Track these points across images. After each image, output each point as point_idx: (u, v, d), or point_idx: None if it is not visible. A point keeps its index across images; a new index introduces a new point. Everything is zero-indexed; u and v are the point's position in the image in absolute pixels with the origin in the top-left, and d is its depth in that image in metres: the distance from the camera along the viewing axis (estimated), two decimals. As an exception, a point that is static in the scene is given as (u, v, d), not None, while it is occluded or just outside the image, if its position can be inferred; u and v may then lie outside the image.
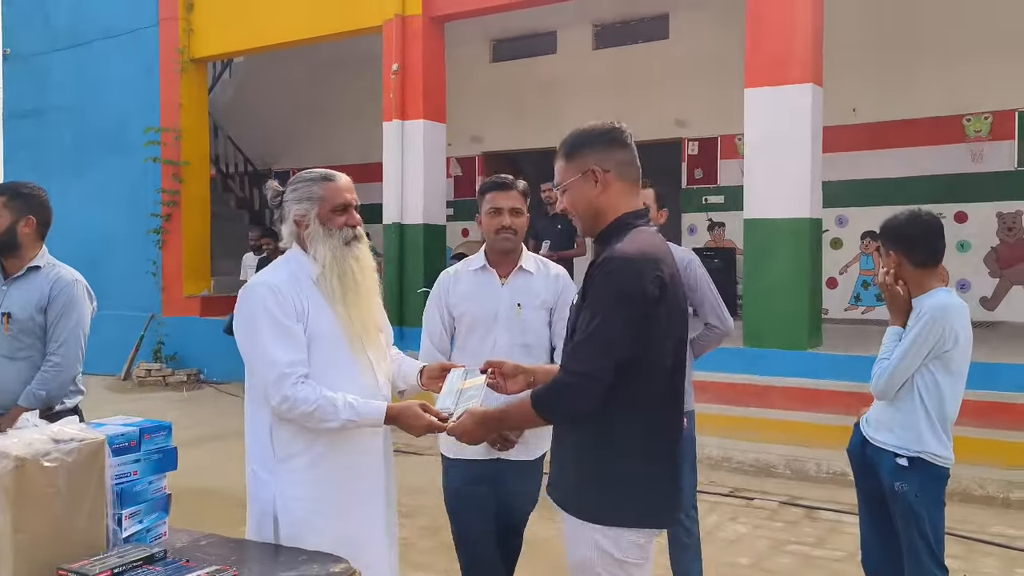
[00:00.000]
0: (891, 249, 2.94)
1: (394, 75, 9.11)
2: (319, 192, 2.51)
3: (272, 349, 2.39)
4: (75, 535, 2.01)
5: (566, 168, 2.26)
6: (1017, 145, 9.41)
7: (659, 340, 2.12)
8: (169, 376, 10.78)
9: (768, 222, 7.13)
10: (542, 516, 5.18)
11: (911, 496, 2.82)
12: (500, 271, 3.10)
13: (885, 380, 2.86)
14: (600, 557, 2.13)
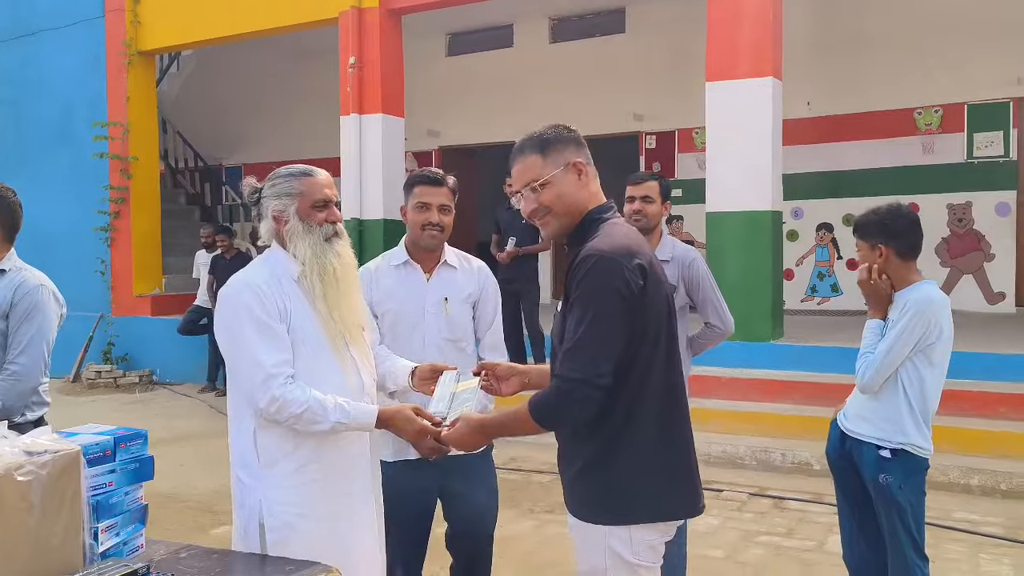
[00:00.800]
0: (878, 243, 2.92)
1: (351, 69, 8.98)
2: (298, 187, 2.43)
3: (257, 350, 2.31)
4: (51, 552, 1.91)
5: (544, 163, 2.17)
6: (966, 138, 9.63)
7: (651, 330, 2.09)
8: (120, 378, 10.50)
9: (730, 215, 7.18)
10: (517, 514, 5.19)
11: (895, 487, 2.83)
12: (424, 266, 3.03)
13: (872, 374, 2.87)
14: (611, 563, 2.09)
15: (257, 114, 13.84)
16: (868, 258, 2.94)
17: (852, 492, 3.04)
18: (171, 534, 4.31)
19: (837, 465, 3.09)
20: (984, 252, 9.67)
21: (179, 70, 14.40)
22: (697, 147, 10.91)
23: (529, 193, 2.20)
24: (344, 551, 2.33)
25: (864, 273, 2.95)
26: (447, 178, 3.01)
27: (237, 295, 2.37)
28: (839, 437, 3.06)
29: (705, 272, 3.61)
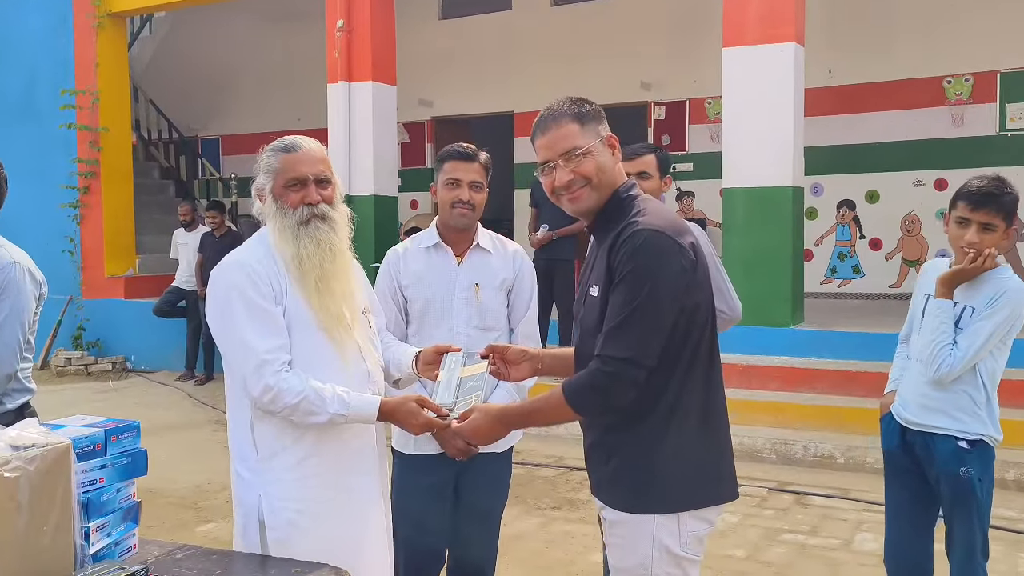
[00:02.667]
0: (1012, 222, 2.80)
1: (339, 32, 8.88)
2: (275, 164, 2.38)
3: (248, 335, 2.29)
4: (40, 554, 1.88)
5: (582, 132, 2.19)
6: (999, 108, 9.60)
7: (701, 313, 2.13)
8: (92, 364, 10.46)
9: (747, 191, 7.15)
10: (523, 511, 5.18)
11: (975, 480, 2.80)
12: (456, 249, 3.02)
13: (960, 368, 2.76)
14: (658, 556, 2.11)
15: (237, 82, 13.73)
16: (999, 242, 2.79)
17: (917, 490, 2.99)
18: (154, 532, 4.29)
19: (899, 462, 3.02)
20: (1017, 230, 9.64)
21: (152, 33, 14.27)
22: (710, 118, 10.86)
23: (564, 163, 2.18)
24: (349, 550, 2.32)
25: (991, 260, 2.77)
26: (479, 153, 2.98)
27: (228, 275, 2.34)
28: (898, 431, 2.99)
29: (709, 251, 3.58)
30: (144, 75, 13.65)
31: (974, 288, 2.83)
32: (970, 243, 2.79)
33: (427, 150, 12.91)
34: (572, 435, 5.85)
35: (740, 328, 7.01)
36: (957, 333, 2.81)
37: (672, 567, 2.13)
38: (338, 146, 9.00)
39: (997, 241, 2.78)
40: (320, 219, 2.37)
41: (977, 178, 2.87)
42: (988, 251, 2.76)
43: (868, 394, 6.15)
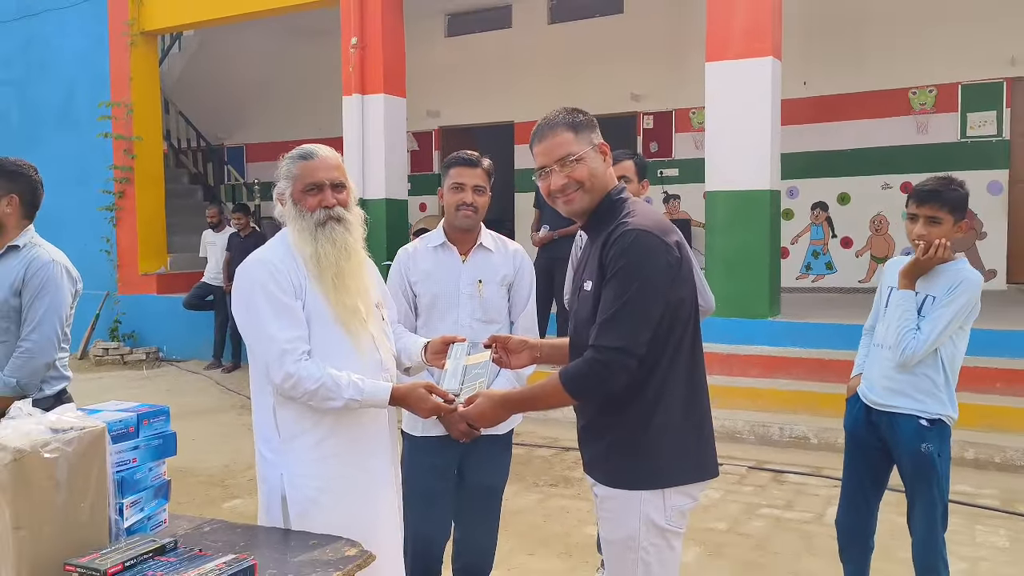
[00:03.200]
0: (962, 219, 2.82)
1: (353, 49, 8.87)
2: (294, 170, 2.40)
3: (271, 326, 2.30)
4: (78, 528, 1.89)
5: (576, 140, 2.20)
6: (960, 117, 9.58)
7: (685, 308, 2.14)
8: (127, 355, 10.46)
9: (729, 194, 7.13)
10: (522, 488, 5.18)
11: (935, 456, 2.83)
12: (460, 248, 3.03)
13: (923, 352, 2.78)
14: (645, 529, 2.12)
15: (259, 94, 13.72)
16: (947, 233, 2.80)
17: (874, 465, 3.03)
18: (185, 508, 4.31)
19: (861, 439, 3.05)
20: (976, 230, 9.64)
21: (181, 50, 14.23)
22: (694, 127, 10.85)
23: (559, 168, 2.19)
24: (364, 525, 2.32)
25: (942, 250, 2.78)
26: (482, 160, 2.98)
27: (252, 272, 2.36)
28: (863, 411, 3.01)
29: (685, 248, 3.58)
30: (174, 89, 13.62)
31: (934, 279, 2.85)
32: (919, 235, 2.83)
33: (434, 157, 12.89)
34: (567, 418, 5.84)
35: (722, 320, 7.07)
36: (920, 320, 2.82)
37: (657, 539, 2.13)
38: (353, 154, 8.98)
39: (946, 233, 2.80)
40: (336, 221, 2.38)
41: (928, 178, 2.92)
42: (938, 242, 2.77)
43: (840, 380, 6.12)
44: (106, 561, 1.72)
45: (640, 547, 2.13)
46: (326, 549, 2.02)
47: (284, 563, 1.93)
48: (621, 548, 2.17)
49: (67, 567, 1.73)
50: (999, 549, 4.17)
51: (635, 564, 2.14)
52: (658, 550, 2.14)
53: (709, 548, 4.27)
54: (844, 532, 3.16)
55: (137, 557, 1.76)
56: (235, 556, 1.79)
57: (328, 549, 2.02)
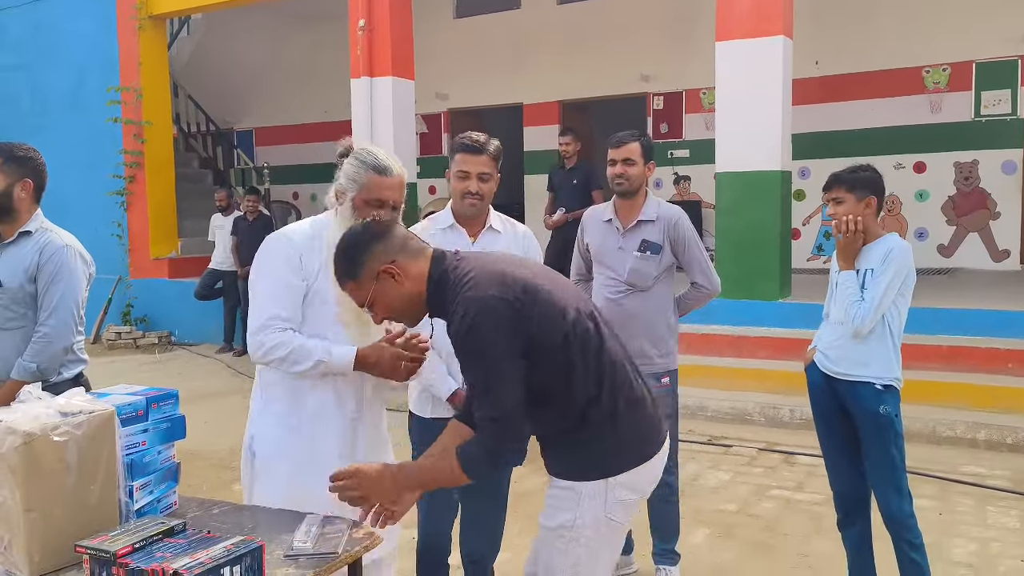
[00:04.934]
0: (867, 196, 3.05)
1: (361, 31, 8.83)
2: (364, 179, 2.44)
3: (264, 299, 2.45)
4: (88, 510, 1.91)
5: (359, 287, 2.13)
6: (974, 96, 9.47)
7: (549, 343, 2.04)
8: (140, 339, 10.53)
9: (739, 175, 7.09)
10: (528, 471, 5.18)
11: (892, 416, 3.02)
12: (469, 230, 3.00)
13: (871, 318, 2.98)
14: (581, 520, 2.10)
15: (268, 78, 13.70)
16: (853, 210, 3.03)
17: (838, 430, 3.18)
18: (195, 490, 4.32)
19: (825, 406, 3.21)
20: (990, 210, 9.56)
21: (189, 34, 14.22)
22: (704, 107, 10.76)
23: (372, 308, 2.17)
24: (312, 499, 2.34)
25: (852, 224, 3.02)
26: (488, 145, 2.91)
27: (272, 246, 2.50)
28: (824, 379, 3.17)
29: (691, 231, 3.56)
30: (183, 72, 13.61)
31: (869, 254, 3.06)
32: (829, 215, 3.11)
33: (443, 139, 12.86)
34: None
35: (732, 301, 7.05)
36: (863, 292, 3.03)
37: (591, 531, 2.11)
38: (361, 137, 8.95)
39: (851, 210, 3.03)
40: None
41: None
42: (846, 218, 3.01)
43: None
44: (115, 543, 1.73)
45: (572, 537, 2.12)
46: (333, 530, 2.03)
47: (291, 545, 1.94)
48: (552, 535, 2.15)
49: (78, 548, 1.75)
50: (1010, 530, 4.16)
51: (563, 553, 2.13)
52: (588, 542, 2.13)
53: (718, 530, 4.27)
54: (839, 499, 3.27)
55: (146, 539, 1.77)
56: (243, 538, 1.80)
57: (335, 531, 2.03)
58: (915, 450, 5.42)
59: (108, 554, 1.70)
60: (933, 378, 6.01)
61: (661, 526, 3.64)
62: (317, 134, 13.01)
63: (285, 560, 1.88)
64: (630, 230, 3.55)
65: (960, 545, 4.00)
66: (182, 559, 1.69)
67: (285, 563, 1.87)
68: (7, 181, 2.81)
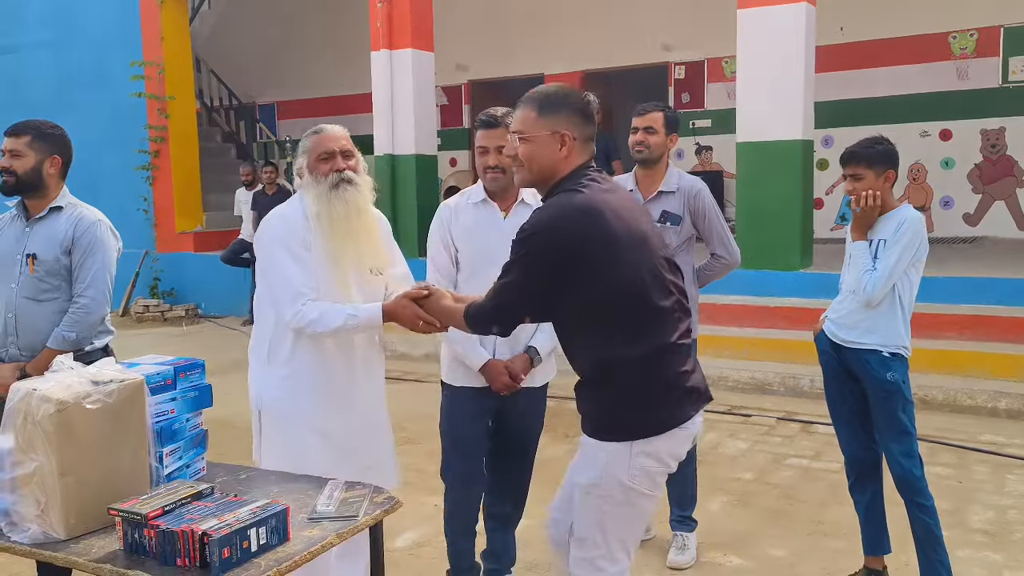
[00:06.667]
0: (886, 170, 3.07)
1: (381, 3, 8.82)
2: (308, 144, 2.70)
3: (289, 271, 2.61)
4: (120, 475, 1.99)
5: (537, 121, 2.21)
6: (1002, 61, 9.31)
7: (611, 280, 2.11)
8: (167, 311, 10.70)
9: (761, 145, 7.04)
10: (552, 438, 5.25)
11: (900, 382, 3.07)
12: (501, 205, 3.02)
13: (882, 287, 3.02)
14: (607, 480, 2.17)
15: (290, 51, 13.71)
16: (873, 185, 3.06)
17: (848, 397, 3.23)
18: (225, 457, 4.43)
19: (835, 372, 3.26)
20: (1017, 178, 9.43)
21: (211, 8, 14.25)
22: (727, 76, 10.66)
23: (513, 138, 2.27)
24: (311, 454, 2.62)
25: (872, 199, 3.05)
26: (504, 118, 2.88)
27: (273, 223, 2.70)
28: (832, 347, 3.23)
29: (711, 203, 3.56)
30: (205, 47, 13.66)
31: (882, 225, 3.10)
32: (849, 192, 3.13)
33: (464, 111, 12.84)
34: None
35: (753, 272, 7.04)
36: (875, 262, 3.07)
37: (617, 492, 2.17)
38: (382, 109, 9.00)
39: (871, 185, 3.05)
40: (348, 183, 2.65)
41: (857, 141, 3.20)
42: (865, 193, 3.05)
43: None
44: (146, 506, 1.81)
45: (597, 495, 2.19)
46: (354, 495, 2.10)
47: (314, 508, 2.02)
48: (583, 492, 2.24)
49: (111, 511, 1.83)
50: (1028, 498, 4.18)
51: (594, 508, 2.22)
52: (616, 504, 2.19)
53: (735, 497, 4.32)
54: (850, 464, 3.33)
55: (176, 502, 1.85)
56: (268, 501, 1.88)
57: (357, 495, 2.10)
58: (935, 419, 5.45)
59: (140, 516, 1.79)
60: (954, 347, 5.98)
61: (678, 493, 3.69)
62: (339, 107, 13.02)
63: (309, 523, 1.95)
64: (650, 201, 3.56)
65: (977, 512, 4.02)
66: (210, 521, 1.76)
67: (309, 525, 1.94)
68: (37, 158, 2.88)
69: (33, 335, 2.84)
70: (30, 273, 2.85)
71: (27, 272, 2.85)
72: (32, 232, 2.90)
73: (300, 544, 1.84)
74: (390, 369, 3.39)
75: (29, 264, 2.85)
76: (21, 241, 2.89)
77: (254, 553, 1.77)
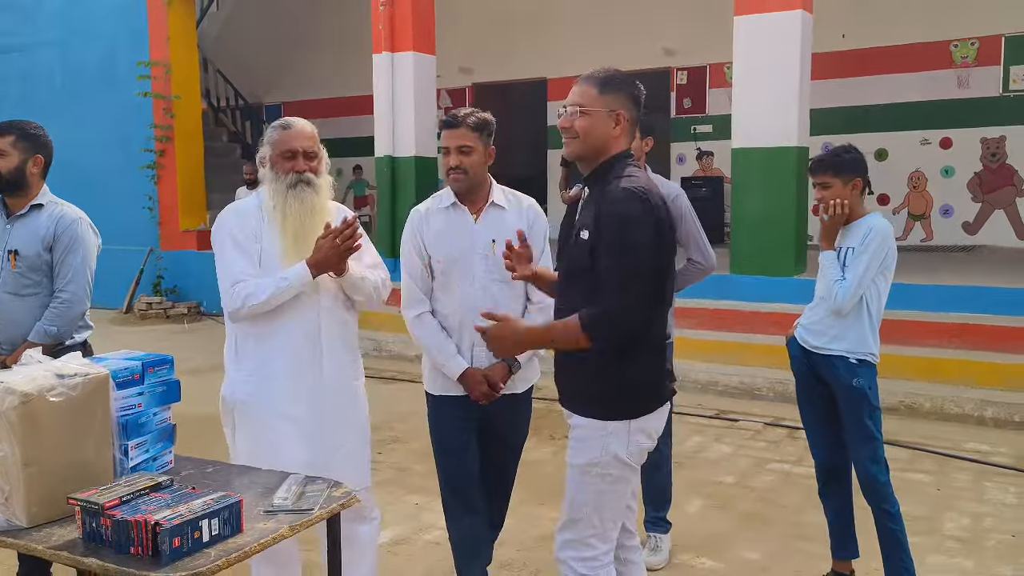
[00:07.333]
0: (853, 179, 3.12)
1: (383, 6, 8.90)
2: (275, 137, 2.73)
3: (229, 260, 2.69)
4: (83, 466, 2.05)
5: (597, 97, 2.33)
6: (1003, 70, 9.31)
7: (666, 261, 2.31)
8: (170, 309, 10.80)
9: (755, 151, 7.08)
10: (538, 440, 5.29)
11: (865, 389, 3.12)
12: (471, 208, 2.97)
13: (851, 296, 3.07)
14: (607, 458, 2.29)
15: (296, 52, 13.82)
16: (840, 193, 3.11)
17: (818, 402, 3.28)
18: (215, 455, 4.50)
19: (805, 379, 3.31)
20: (1017, 187, 9.43)
21: (219, 9, 14.38)
22: (728, 82, 10.62)
23: (572, 113, 2.34)
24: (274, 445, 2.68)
25: (840, 207, 3.10)
26: (466, 118, 2.89)
27: (222, 218, 2.77)
28: (803, 353, 3.27)
29: (688, 208, 3.60)
30: (213, 47, 13.79)
31: (850, 234, 3.15)
32: (817, 199, 3.18)
33: (468, 114, 12.89)
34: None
35: (747, 278, 7.08)
36: (844, 270, 3.12)
37: (616, 469, 2.30)
38: (383, 111, 9.08)
39: (838, 194, 3.11)
40: (305, 184, 2.70)
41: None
42: (833, 202, 3.10)
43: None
44: (104, 496, 1.87)
45: (597, 472, 2.30)
46: (313, 489, 2.15)
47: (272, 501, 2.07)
48: (581, 472, 2.33)
49: (70, 500, 1.89)
50: (1006, 506, 4.19)
51: (591, 488, 2.31)
52: (614, 480, 2.32)
53: (715, 500, 4.35)
54: (820, 468, 3.37)
55: (134, 493, 1.91)
56: (223, 494, 1.93)
57: (315, 488, 2.15)
58: (921, 426, 5.47)
59: (97, 506, 1.84)
60: (942, 355, 6.00)
61: (653, 494, 3.72)
62: (344, 108, 13.13)
63: (265, 515, 2.00)
64: None
65: (953, 519, 4.05)
66: (164, 512, 1.82)
67: (264, 518, 1.99)
68: (21, 157, 2.96)
69: (14, 329, 2.92)
70: (12, 269, 2.92)
71: (9, 268, 2.93)
72: (13, 229, 2.97)
73: (252, 535, 1.89)
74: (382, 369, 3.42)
75: (11, 260, 2.92)
76: (3, 238, 2.97)
77: (206, 543, 1.82)
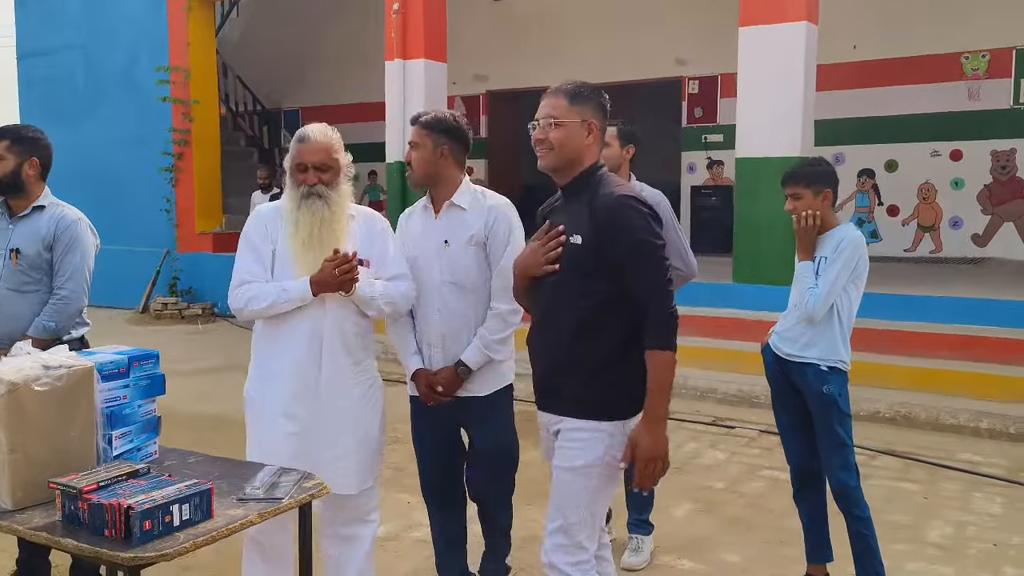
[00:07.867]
0: (823, 190, 3.20)
1: (395, 14, 9.03)
2: (293, 150, 2.84)
3: (240, 262, 2.84)
4: (67, 454, 2.15)
5: (569, 108, 2.41)
6: (1014, 83, 9.29)
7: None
8: (185, 310, 10.97)
9: (758, 161, 7.13)
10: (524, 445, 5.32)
11: (835, 395, 3.17)
12: (435, 207, 3.00)
13: (822, 304, 3.12)
14: (603, 459, 2.35)
15: (315, 58, 14.01)
16: (811, 204, 3.18)
17: (791, 408, 3.33)
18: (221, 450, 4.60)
19: (779, 385, 3.36)
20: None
21: (239, 15, 14.61)
22: (739, 92, 10.72)
23: (546, 125, 2.42)
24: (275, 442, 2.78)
25: (810, 219, 3.16)
26: (419, 117, 3.02)
27: (249, 217, 2.92)
28: (776, 360, 3.33)
29: (670, 215, 3.65)
30: (233, 53, 14.01)
31: (824, 243, 3.22)
32: (789, 211, 3.23)
33: (482, 121, 13.03)
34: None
35: (748, 286, 7.12)
36: (817, 279, 3.18)
37: (608, 469, 2.37)
38: (395, 117, 9.19)
39: (809, 205, 3.19)
40: (316, 196, 2.79)
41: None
42: (804, 213, 3.18)
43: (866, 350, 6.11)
44: (83, 481, 1.97)
45: (595, 474, 2.36)
46: (286, 480, 2.24)
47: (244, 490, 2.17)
48: (578, 474, 2.37)
49: (50, 484, 2.00)
50: (991, 515, 4.21)
51: (588, 489, 2.37)
52: (608, 480, 2.39)
53: (702, 505, 4.41)
54: (794, 472, 3.43)
55: (112, 479, 2.01)
56: (196, 481, 2.03)
57: (287, 480, 2.25)
58: (916, 436, 5.50)
59: (75, 490, 1.95)
60: (939, 366, 6.02)
61: (636, 497, 3.78)
62: (360, 114, 13.27)
63: (236, 503, 2.10)
64: None
65: (937, 527, 4.08)
66: (138, 497, 1.92)
67: (236, 505, 2.09)
68: (16, 160, 3.09)
69: (14, 323, 3.04)
70: (13, 267, 3.05)
71: (10, 266, 3.06)
72: (15, 229, 3.11)
73: (222, 521, 1.99)
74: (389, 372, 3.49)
75: (13, 258, 3.05)
76: (5, 237, 3.10)
77: (176, 527, 1.92)
